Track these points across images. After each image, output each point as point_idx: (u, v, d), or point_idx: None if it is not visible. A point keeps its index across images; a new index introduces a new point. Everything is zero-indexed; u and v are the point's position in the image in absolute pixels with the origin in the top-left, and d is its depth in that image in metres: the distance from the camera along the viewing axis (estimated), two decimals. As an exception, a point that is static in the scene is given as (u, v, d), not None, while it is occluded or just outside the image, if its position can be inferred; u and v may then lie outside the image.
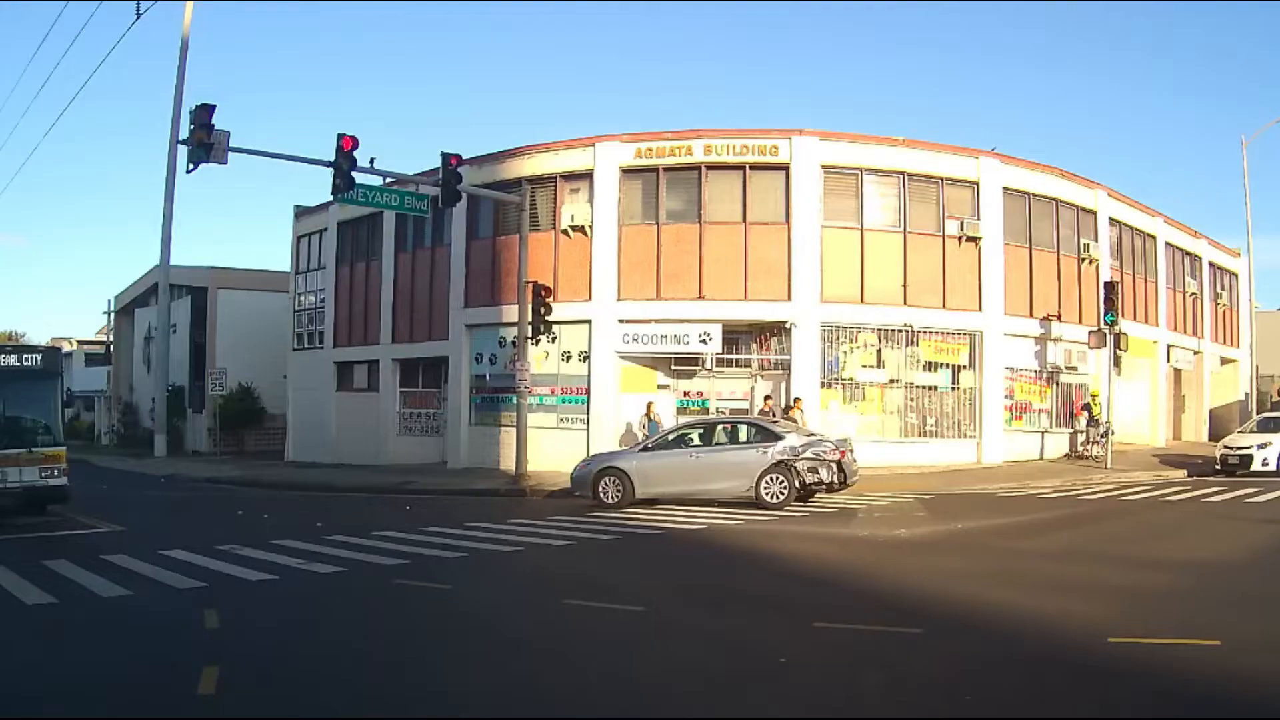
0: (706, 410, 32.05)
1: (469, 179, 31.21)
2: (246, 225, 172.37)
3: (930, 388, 32.66)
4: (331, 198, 27.51)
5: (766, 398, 30.35)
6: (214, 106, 22.86)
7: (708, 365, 31.83)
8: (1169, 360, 42.57)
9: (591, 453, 28.01)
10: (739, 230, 31.64)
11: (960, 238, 32.63)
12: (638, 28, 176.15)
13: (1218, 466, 30.59)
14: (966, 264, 32.83)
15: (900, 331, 31.98)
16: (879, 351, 32.11)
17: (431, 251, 37.35)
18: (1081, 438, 35.24)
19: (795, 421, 26.63)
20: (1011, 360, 33.93)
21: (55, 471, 21.14)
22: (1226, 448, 31.03)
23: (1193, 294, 45.34)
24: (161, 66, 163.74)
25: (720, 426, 24.54)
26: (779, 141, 31.65)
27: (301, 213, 44.63)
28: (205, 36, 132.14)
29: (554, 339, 31.53)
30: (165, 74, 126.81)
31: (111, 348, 66.90)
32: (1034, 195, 34.93)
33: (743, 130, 32.13)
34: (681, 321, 31.29)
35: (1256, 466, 29.42)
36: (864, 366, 32.03)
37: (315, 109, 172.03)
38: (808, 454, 22.15)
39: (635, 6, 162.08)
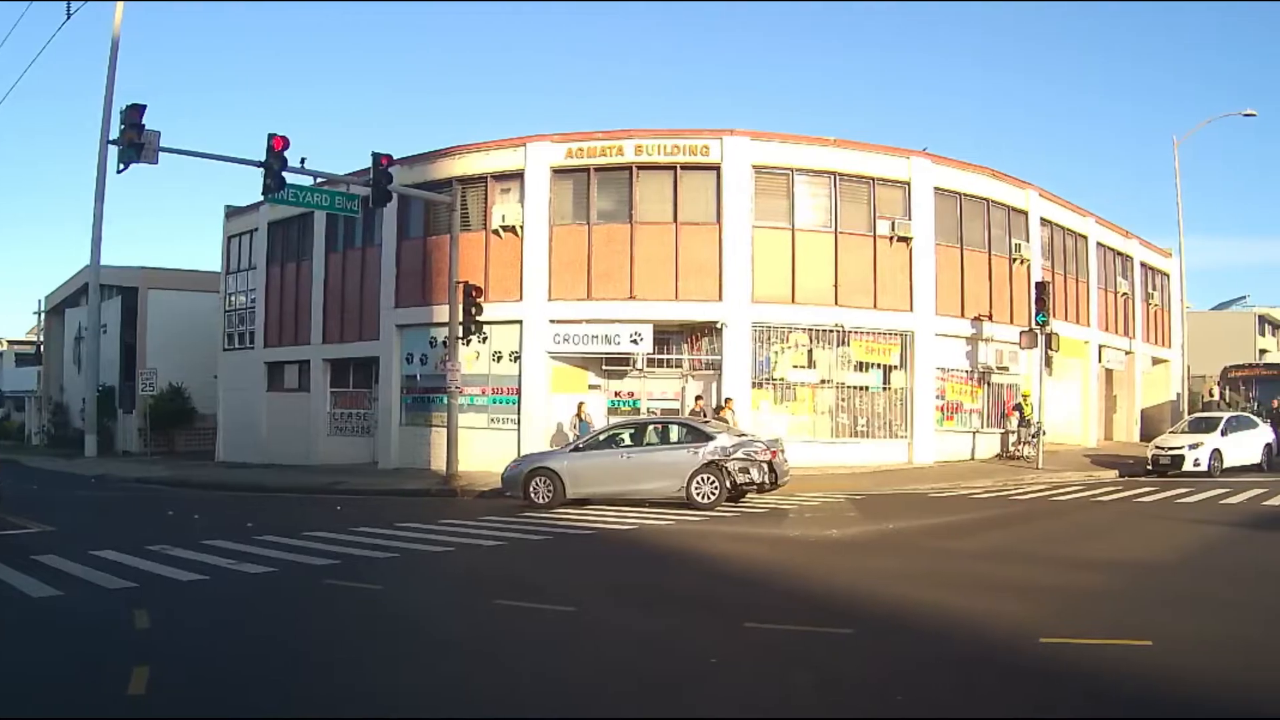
0: (638, 410, 31.99)
1: (400, 179, 30.96)
2: (177, 225, 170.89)
3: (861, 388, 32.70)
4: (262, 198, 27.21)
5: (698, 398, 30.25)
6: (144, 106, 22.86)
7: (639, 365, 31.80)
8: (1100, 360, 42.83)
9: (522, 453, 27.75)
10: (670, 230, 31.55)
11: (891, 238, 32.70)
12: (569, 27, 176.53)
13: (1149, 467, 30.80)
14: (898, 264, 32.90)
15: (831, 332, 31.99)
16: (810, 352, 32.10)
17: (362, 251, 37.00)
18: (1013, 438, 35.39)
19: (726, 422, 26.61)
20: (943, 360, 34.03)
21: None
22: (1158, 448, 31.24)
23: (1124, 294, 45.65)
24: (92, 66, 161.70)
25: (651, 427, 24.47)
26: (710, 141, 31.58)
27: (232, 213, 44.10)
28: (136, 36, 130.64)
29: (485, 339, 31.22)
30: (96, 74, 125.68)
31: (42, 348, 66.26)
32: (965, 195, 35.06)
33: (674, 130, 32.05)
34: (613, 322, 31.15)
35: (1188, 467, 29.68)
36: (795, 367, 32.02)
37: (246, 109, 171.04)
38: (739, 454, 22.11)
39: (566, 6, 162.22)
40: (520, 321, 32.19)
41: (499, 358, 32.82)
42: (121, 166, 23.38)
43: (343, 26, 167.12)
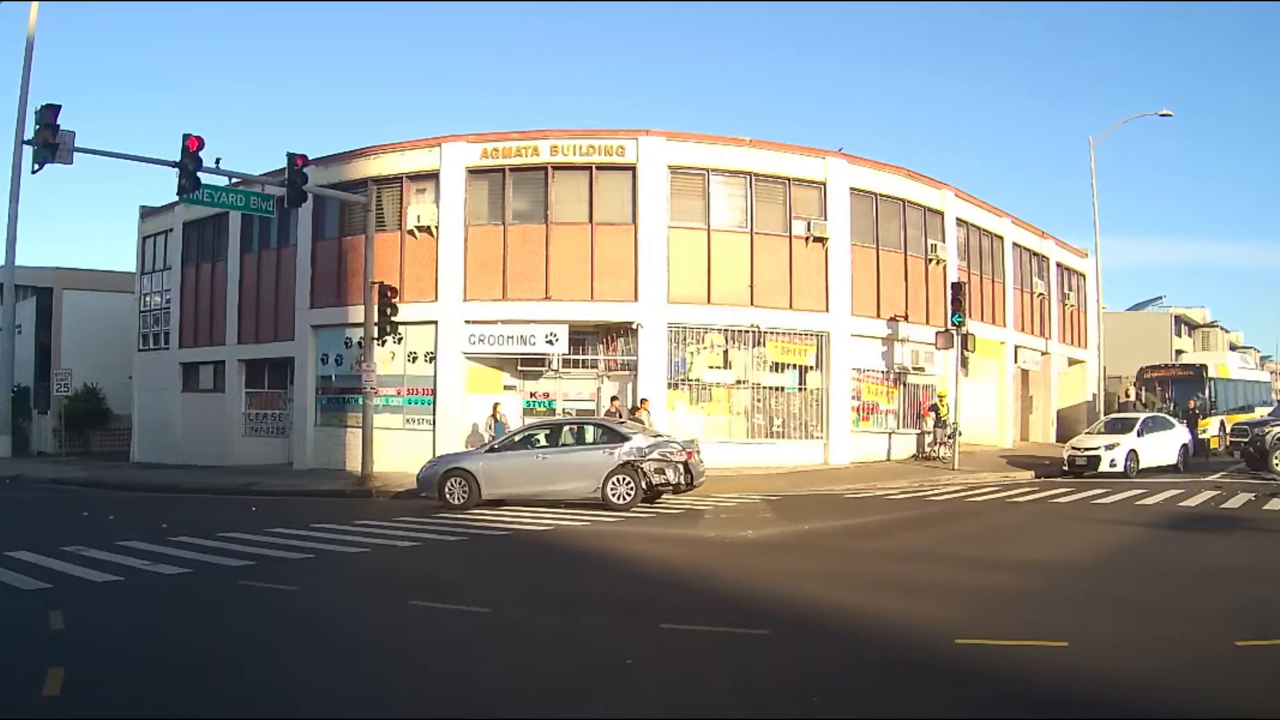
0: (553, 411, 31.93)
1: (315, 179, 30.66)
2: (93, 226, 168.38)
3: (777, 388, 32.80)
4: (177, 198, 26.93)
5: (613, 399, 30.20)
6: (59, 107, 22.74)
7: (554, 366, 31.77)
8: (1016, 361, 43.22)
9: (438, 454, 27.62)
10: (585, 231, 31.49)
11: (807, 238, 32.80)
12: (485, 28, 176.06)
13: (1065, 468, 31.03)
14: (814, 264, 33.00)
15: (747, 332, 32.06)
16: (726, 352, 32.16)
17: (277, 252, 36.63)
18: (929, 438, 35.67)
19: (642, 423, 26.59)
20: (859, 361, 34.19)
21: None
22: (1074, 449, 31.46)
23: (1040, 294, 46.09)
24: (6, 67, 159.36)
25: (567, 427, 24.46)
26: (625, 142, 31.56)
27: (147, 213, 43.50)
28: (51, 36, 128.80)
29: (400, 340, 31.17)
30: (10, 74, 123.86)
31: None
32: (881, 195, 35.25)
33: (589, 130, 31.98)
34: (528, 322, 31.07)
35: (1104, 468, 29.91)
36: (711, 367, 32.05)
37: (162, 109, 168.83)
38: (654, 455, 22.09)
39: (481, 6, 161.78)
40: (436, 322, 32.01)
41: (414, 358, 32.63)
42: (36, 167, 23.10)
43: (258, 26, 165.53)
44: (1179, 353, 69.41)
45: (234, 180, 28.69)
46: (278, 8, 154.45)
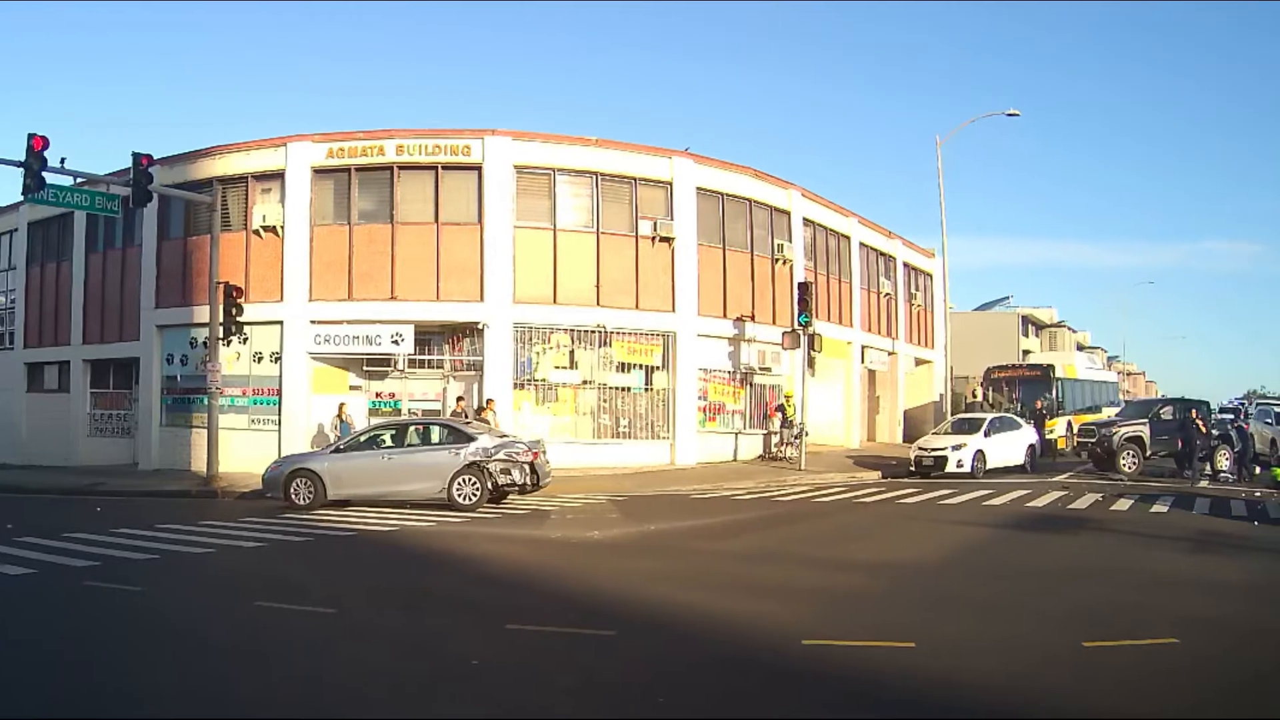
0: (399, 411, 31.90)
1: (160, 179, 30.36)
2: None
3: (623, 389, 33.05)
4: (22, 198, 26.81)
5: (459, 399, 30.22)
6: None
7: (400, 366, 31.72)
8: (863, 361, 43.90)
9: (283, 454, 27.55)
10: (431, 231, 31.52)
11: (654, 238, 33.14)
12: (330, 27, 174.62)
13: (912, 468, 31.43)
14: (660, 264, 33.35)
15: (593, 332, 32.31)
16: (572, 352, 32.35)
17: (123, 252, 36.06)
18: (776, 439, 36.03)
19: (488, 423, 26.65)
20: (705, 361, 34.53)
21: None
22: (921, 449, 31.86)
23: (887, 294, 46.91)
24: None
25: (413, 428, 24.38)
26: (471, 141, 31.63)
27: (-9, 213, 42.58)
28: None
29: (246, 340, 30.69)
30: None
31: None
32: (728, 195, 35.68)
33: (435, 130, 32.00)
34: (374, 322, 31.03)
35: (951, 468, 30.36)
36: (557, 367, 32.22)
37: (6, 109, 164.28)
38: (500, 455, 22.16)
39: (325, 6, 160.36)
40: (281, 322, 31.79)
41: (260, 358, 32.35)
42: (-121, 167, 22.63)
43: (104, 26, 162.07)
44: (1026, 353, 70.31)
45: (79, 180, 28.27)
46: (123, 7, 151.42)
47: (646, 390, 33.34)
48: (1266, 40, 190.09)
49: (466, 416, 27.87)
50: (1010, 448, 32.57)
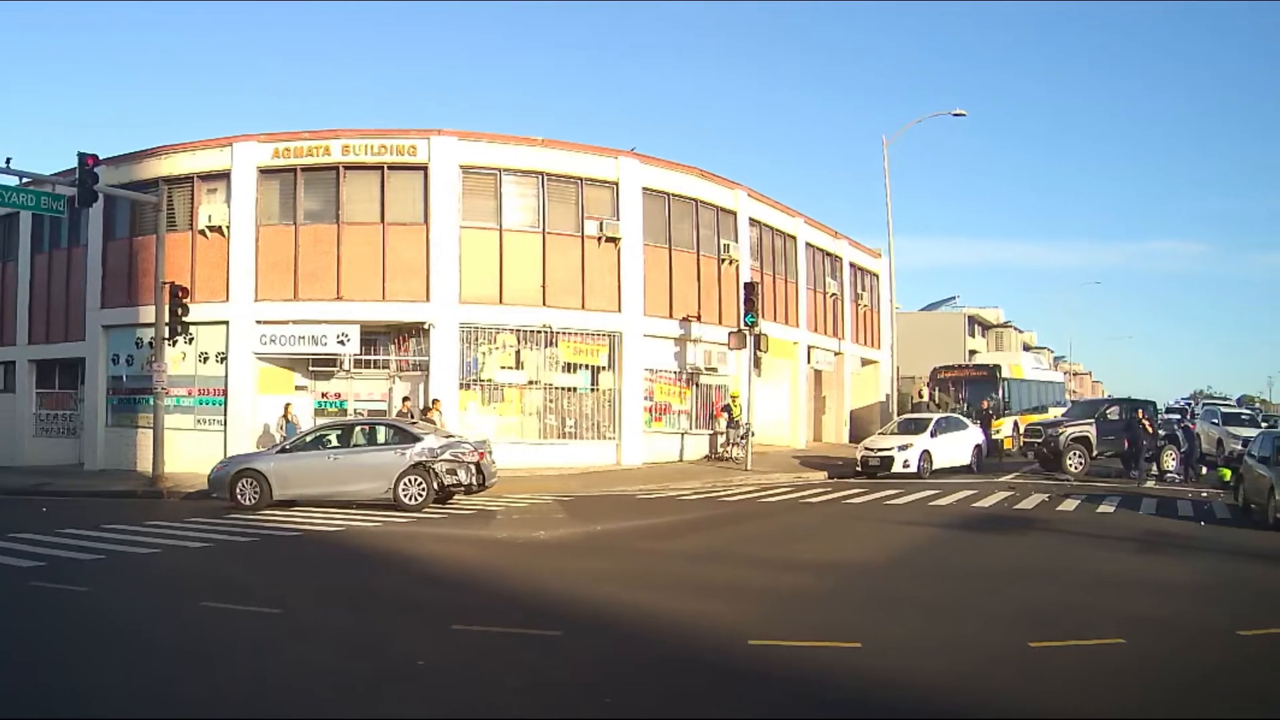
0: (345, 412, 31.89)
1: (106, 179, 30.24)
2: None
3: (569, 389, 33.14)
4: (-34, 198, 26.28)
5: (405, 399, 30.21)
6: None
7: (346, 366, 31.69)
8: (809, 361, 44.11)
9: (229, 454, 27.32)
10: (377, 231, 31.57)
11: (600, 238, 33.28)
12: (275, 27, 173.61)
13: (859, 468, 31.55)
14: (606, 265, 33.50)
15: (539, 332, 32.40)
16: (518, 353, 32.46)
17: (69, 252, 35.89)
18: (722, 439, 36.18)
19: (434, 423, 26.68)
20: (651, 361, 34.66)
21: None
22: (867, 449, 32.01)
23: (833, 295, 47.24)
24: None
25: (358, 428, 24.37)
26: (417, 141, 31.70)
27: (-64, 211, 42.22)
28: None
29: (191, 340, 30.64)
30: None
31: None
32: (674, 195, 35.88)
33: (381, 130, 32.06)
34: (319, 322, 31.03)
35: (897, 468, 30.53)
36: (503, 368, 32.31)
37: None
38: (446, 455, 22.26)
39: (270, 6, 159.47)
40: (227, 322, 31.74)
41: (205, 359, 32.30)
42: None
43: (48, 25, 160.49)
44: (973, 353, 70.45)
45: (25, 180, 28.46)
46: (67, 7, 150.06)
47: (592, 390, 33.45)
48: (1213, 40, 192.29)
49: (412, 417, 27.91)
50: (957, 448, 32.84)
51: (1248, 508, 21.70)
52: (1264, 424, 36.60)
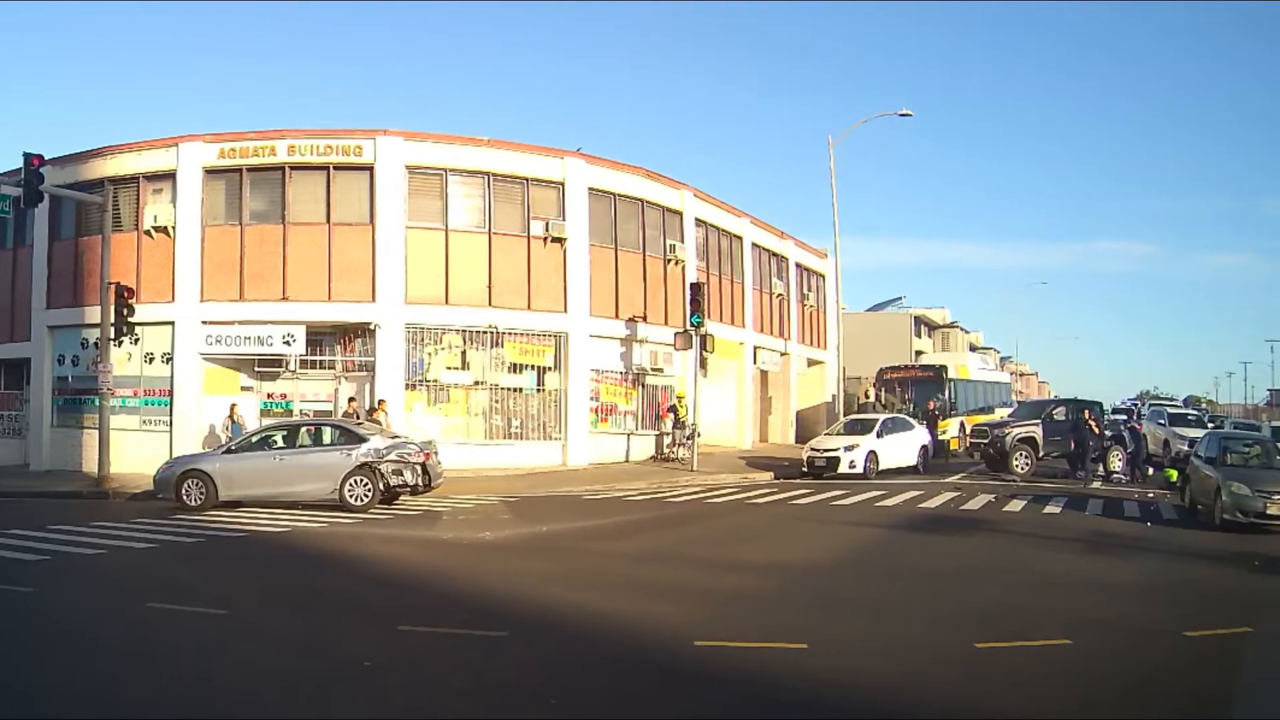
0: (291, 412, 31.92)
1: (52, 179, 30.04)
2: None
3: (515, 389, 33.26)
4: (-89, 198, 26.12)
5: (351, 400, 30.35)
6: None
7: (292, 367, 31.68)
8: (756, 362, 44.33)
9: (175, 455, 27.43)
10: (323, 231, 31.64)
11: (546, 238, 33.43)
12: (221, 27, 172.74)
13: (805, 469, 31.79)
14: (552, 265, 33.66)
15: (485, 333, 32.54)
16: (464, 353, 32.60)
17: (14, 252, 35.68)
18: (668, 440, 36.33)
19: (380, 424, 26.78)
20: (597, 362, 34.86)
21: None
22: (813, 450, 32.24)
23: (779, 295, 47.49)
24: None
25: (304, 429, 24.51)
26: (363, 142, 31.79)
27: (-120, 212, 41.83)
28: None
29: (137, 340, 30.73)
30: None
31: None
32: (620, 196, 36.10)
33: (327, 130, 32.13)
34: (265, 323, 31.04)
35: (844, 469, 30.76)
36: (449, 368, 32.44)
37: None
38: (392, 456, 22.36)
39: (218, 6, 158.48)
40: (173, 323, 31.70)
41: (151, 359, 32.26)
42: None
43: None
44: (919, 353, 70.84)
45: (-31, 181, 28.13)
46: (10, 6, 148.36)
47: (539, 391, 33.60)
48: (1160, 41, 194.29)
49: (358, 417, 28.00)
50: (903, 448, 33.11)
51: (1194, 508, 22.05)
52: (1210, 424, 37.29)
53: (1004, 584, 13.82)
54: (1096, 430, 30.73)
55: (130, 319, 28.64)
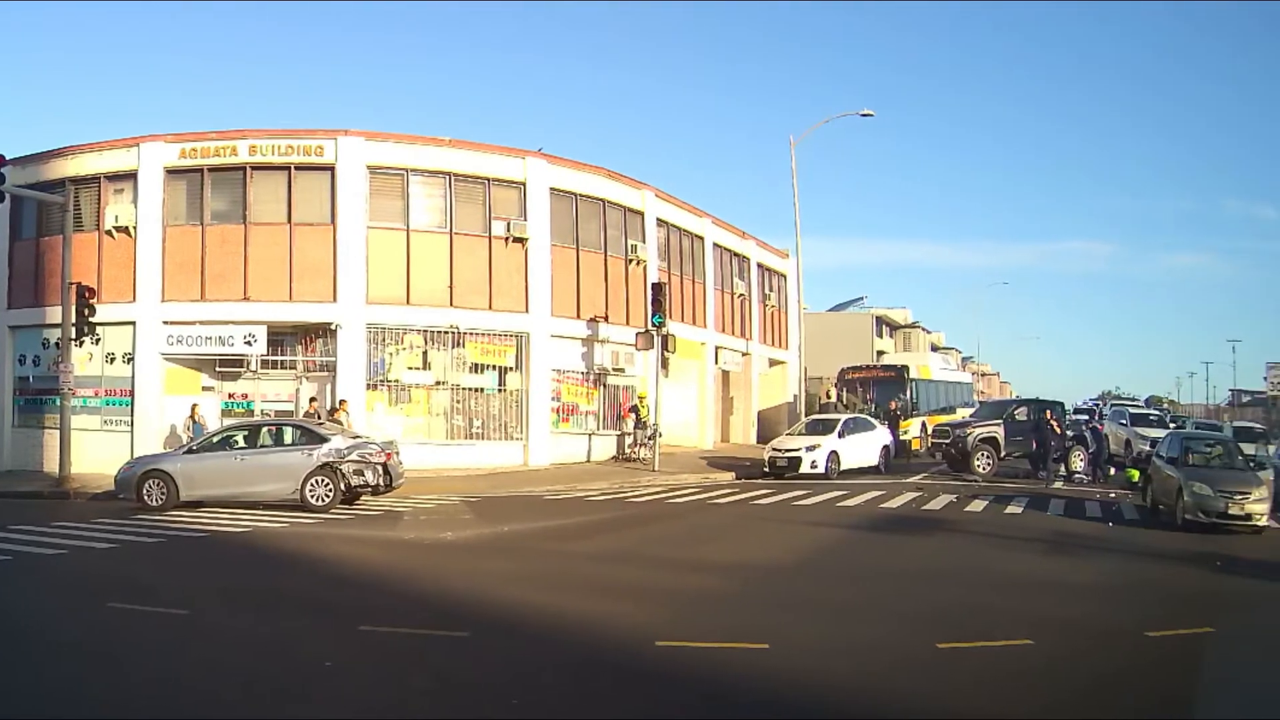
0: (252, 412, 31.92)
1: (12, 179, 29.69)
2: None
3: (477, 389, 33.37)
4: (-127, 197, 26.11)
5: (312, 400, 30.42)
6: None
7: (253, 367, 31.72)
8: (717, 362, 44.49)
9: (136, 455, 27.48)
10: (285, 231, 31.70)
11: (507, 239, 33.53)
12: (182, 26, 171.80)
13: (766, 469, 31.93)
14: (514, 265, 33.77)
15: (446, 333, 32.66)
16: (425, 353, 32.69)
17: (-26, 252, 35.65)
18: (629, 440, 36.47)
19: (341, 424, 26.91)
20: (559, 362, 35.00)
21: None
22: (775, 450, 32.34)
23: (741, 295, 47.67)
24: None
25: (265, 429, 24.49)
26: (324, 142, 31.87)
27: None
28: None
29: (98, 341, 30.52)
30: None
31: None
32: (581, 196, 36.23)
33: (288, 130, 32.20)
34: (226, 323, 31.10)
35: (805, 469, 30.87)
36: (410, 368, 32.53)
37: None
38: (353, 456, 22.42)
39: (176, 6, 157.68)
40: (134, 323, 31.70)
41: (112, 359, 32.23)
42: None
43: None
44: (881, 354, 70.70)
45: (-70, 181, 28.02)
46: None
47: (500, 391, 33.71)
48: (1121, 40, 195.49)
49: (319, 417, 28.10)
50: (865, 449, 33.20)
51: (1156, 508, 22.28)
52: (1172, 425, 37.70)
53: (966, 584, 13.93)
54: (1058, 430, 30.88)
55: (91, 319, 28.52)
